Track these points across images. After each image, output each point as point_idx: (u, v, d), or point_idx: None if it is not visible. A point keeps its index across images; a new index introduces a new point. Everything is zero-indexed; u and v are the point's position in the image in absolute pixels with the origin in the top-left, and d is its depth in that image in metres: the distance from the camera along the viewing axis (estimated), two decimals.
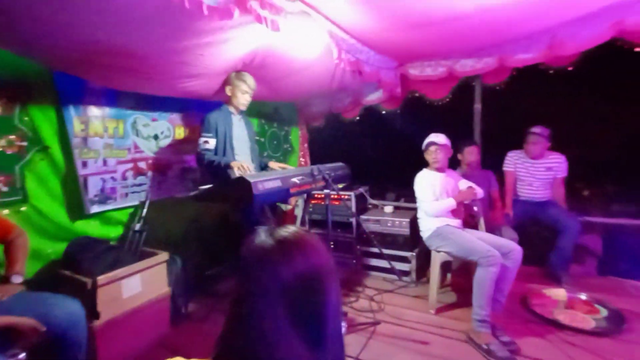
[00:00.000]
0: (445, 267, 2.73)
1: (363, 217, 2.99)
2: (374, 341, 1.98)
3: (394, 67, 3.06)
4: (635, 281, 2.47)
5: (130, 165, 2.29)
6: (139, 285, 1.87)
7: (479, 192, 2.33)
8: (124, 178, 2.26)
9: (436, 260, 2.27)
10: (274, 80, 2.60)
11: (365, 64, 2.55)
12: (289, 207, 3.17)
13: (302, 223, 2.32)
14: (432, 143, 2.32)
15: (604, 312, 2.06)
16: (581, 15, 2.36)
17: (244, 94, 2.25)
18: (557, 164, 2.73)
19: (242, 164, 2.01)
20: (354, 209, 2.98)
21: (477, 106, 3.17)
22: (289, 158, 3.79)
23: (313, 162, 3.90)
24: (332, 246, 3.10)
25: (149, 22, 1.44)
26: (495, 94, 3.15)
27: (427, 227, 2.36)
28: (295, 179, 1.78)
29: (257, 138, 3.30)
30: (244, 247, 0.62)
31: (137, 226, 2.00)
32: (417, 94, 3.30)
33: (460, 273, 2.69)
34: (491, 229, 2.58)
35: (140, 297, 1.88)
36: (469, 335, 1.92)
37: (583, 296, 2.23)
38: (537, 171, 2.77)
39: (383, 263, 2.80)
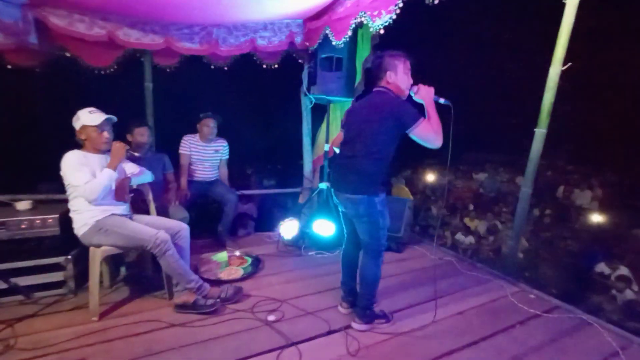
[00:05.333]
0: (118, 260, 2.42)
1: None
2: None
3: (19, 4, 2.16)
4: (269, 232, 3.48)
5: None
6: None
7: (122, 145, 2.02)
8: None
9: (95, 257, 1.91)
10: None
11: None
12: None
13: None
14: (99, 124, 1.91)
15: (249, 260, 2.72)
16: (230, 24, 2.83)
17: None
18: (222, 147, 3.19)
19: None
20: None
21: (148, 84, 3.02)
22: None
23: None
24: None
25: None
26: (169, 76, 3.15)
27: (83, 222, 1.93)
28: None
29: None
30: None
31: None
32: (67, 54, 2.57)
33: (136, 263, 2.49)
34: (165, 210, 2.59)
35: None
36: (176, 305, 2.00)
37: (238, 252, 2.82)
38: (208, 154, 3.10)
39: (21, 281, 1.98)
